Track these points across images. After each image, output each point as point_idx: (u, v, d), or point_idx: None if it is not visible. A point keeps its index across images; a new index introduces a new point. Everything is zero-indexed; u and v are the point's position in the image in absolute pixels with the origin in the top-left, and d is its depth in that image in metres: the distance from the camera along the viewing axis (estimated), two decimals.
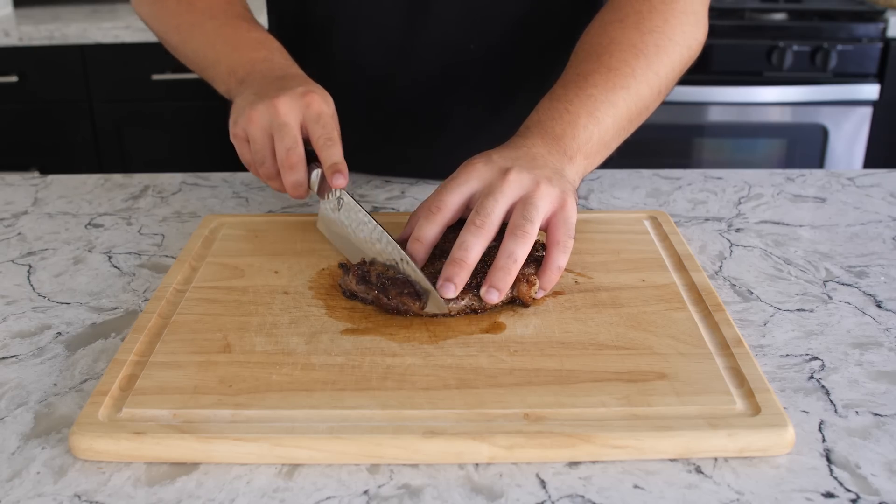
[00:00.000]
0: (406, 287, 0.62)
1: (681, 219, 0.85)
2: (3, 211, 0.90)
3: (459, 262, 0.61)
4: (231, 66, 0.80)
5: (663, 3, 0.78)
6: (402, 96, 0.96)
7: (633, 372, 0.55)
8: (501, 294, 0.61)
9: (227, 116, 0.76)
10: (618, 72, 0.74)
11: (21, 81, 2.09)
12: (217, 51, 0.82)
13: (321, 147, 0.71)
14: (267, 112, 0.71)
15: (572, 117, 0.71)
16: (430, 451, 0.49)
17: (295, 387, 0.54)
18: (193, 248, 0.74)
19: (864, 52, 2.01)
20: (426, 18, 0.91)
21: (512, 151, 0.67)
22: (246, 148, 0.74)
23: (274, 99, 0.71)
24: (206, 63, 0.84)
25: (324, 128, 0.71)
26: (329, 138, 0.71)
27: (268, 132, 0.72)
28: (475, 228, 0.62)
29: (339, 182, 0.70)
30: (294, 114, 0.71)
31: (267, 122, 0.71)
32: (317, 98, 0.72)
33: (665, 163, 1.74)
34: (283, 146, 0.71)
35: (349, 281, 0.65)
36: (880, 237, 0.80)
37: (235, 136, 0.74)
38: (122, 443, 0.50)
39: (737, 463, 0.49)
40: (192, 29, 0.86)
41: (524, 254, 0.61)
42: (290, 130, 0.71)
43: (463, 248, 0.61)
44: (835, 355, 0.60)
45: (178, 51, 0.89)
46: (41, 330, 0.65)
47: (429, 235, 0.65)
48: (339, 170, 0.70)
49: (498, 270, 0.61)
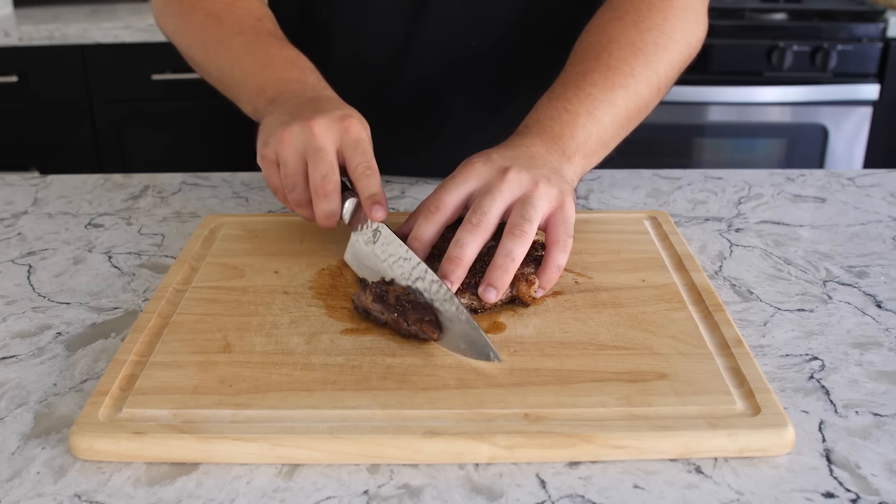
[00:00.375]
0: (427, 314, 0.59)
1: (681, 219, 0.85)
2: (3, 211, 0.90)
3: (455, 260, 0.61)
4: (260, 85, 0.75)
5: (663, 1, 0.78)
6: (402, 94, 0.96)
7: (633, 372, 0.55)
8: (499, 293, 0.61)
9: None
10: (617, 70, 0.74)
11: (21, 81, 2.09)
12: (245, 69, 0.77)
13: (359, 176, 0.66)
14: (302, 134, 0.66)
15: (571, 116, 0.71)
16: (430, 451, 0.49)
17: (295, 387, 0.54)
18: (193, 248, 0.74)
19: (864, 52, 2.01)
20: (427, 17, 0.91)
21: (511, 151, 0.67)
22: (275, 171, 0.69)
23: (310, 121, 0.66)
24: (232, 81, 0.79)
25: (363, 155, 0.67)
26: (368, 167, 0.66)
27: (301, 156, 0.67)
28: (471, 227, 0.62)
29: (379, 215, 0.66)
30: (331, 138, 0.66)
31: (301, 145, 0.66)
32: (355, 123, 0.67)
33: (665, 163, 1.75)
34: (319, 172, 0.66)
35: (365, 298, 0.62)
36: (880, 237, 0.80)
37: (264, 157, 0.69)
38: (122, 443, 0.50)
39: (737, 463, 0.49)
40: (218, 45, 0.81)
41: (522, 253, 0.61)
42: (326, 155, 0.66)
43: (459, 245, 0.61)
44: (835, 355, 0.60)
45: (203, 67, 0.84)
46: (41, 330, 0.65)
47: (427, 234, 0.65)
48: (379, 201, 0.66)
49: (496, 269, 0.61)
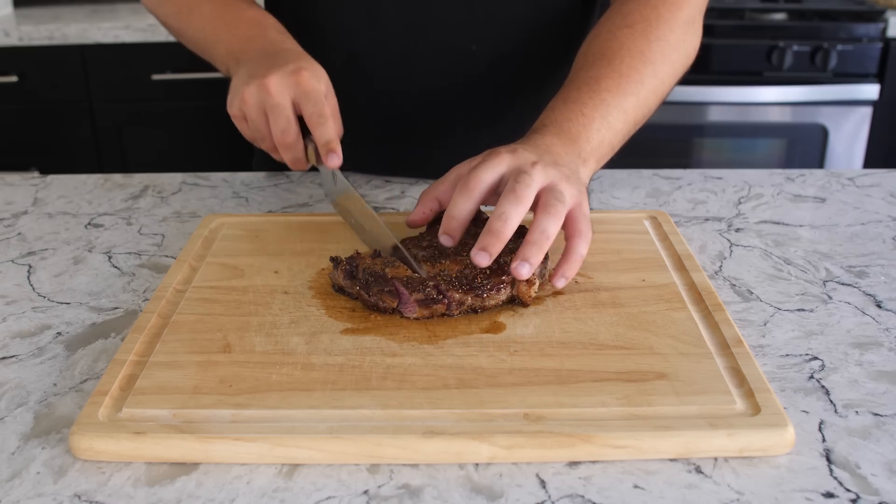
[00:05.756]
0: (387, 285, 0.62)
1: (681, 219, 0.85)
2: (3, 211, 0.90)
3: (497, 233, 0.61)
4: (228, 45, 0.82)
5: (669, 13, 0.79)
6: (403, 98, 0.96)
7: (633, 372, 0.55)
8: (532, 268, 0.61)
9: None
10: (628, 78, 0.75)
11: (21, 81, 2.09)
12: (216, 32, 0.84)
13: (314, 125, 0.71)
14: (259, 92, 0.72)
15: (587, 120, 0.72)
16: (430, 451, 0.49)
17: (295, 387, 0.54)
18: (193, 248, 0.74)
19: (864, 52, 2.01)
20: (429, 21, 0.91)
21: (534, 147, 0.68)
22: (245, 125, 0.76)
23: (264, 78, 0.71)
24: (206, 45, 0.86)
25: (315, 105, 0.71)
26: (320, 115, 0.71)
27: (262, 111, 0.73)
28: (514, 197, 0.61)
29: (334, 162, 0.71)
30: (286, 91, 0.71)
31: (260, 102, 0.72)
32: (306, 75, 0.72)
33: (665, 163, 1.74)
34: (278, 128, 0.72)
35: (337, 275, 0.65)
36: (880, 237, 0.80)
37: (233, 116, 0.75)
38: (122, 443, 0.50)
39: (737, 463, 0.49)
40: (190, 13, 0.87)
41: (555, 231, 0.62)
42: (282, 111, 0.72)
43: (502, 218, 0.61)
44: (835, 355, 0.60)
45: (182, 35, 0.91)
46: (41, 330, 0.65)
47: (465, 211, 0.64)
48: (332, 149, 0.71)
49: (531, 245, 0.61)
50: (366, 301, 0.63)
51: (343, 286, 0.65)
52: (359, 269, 0.65)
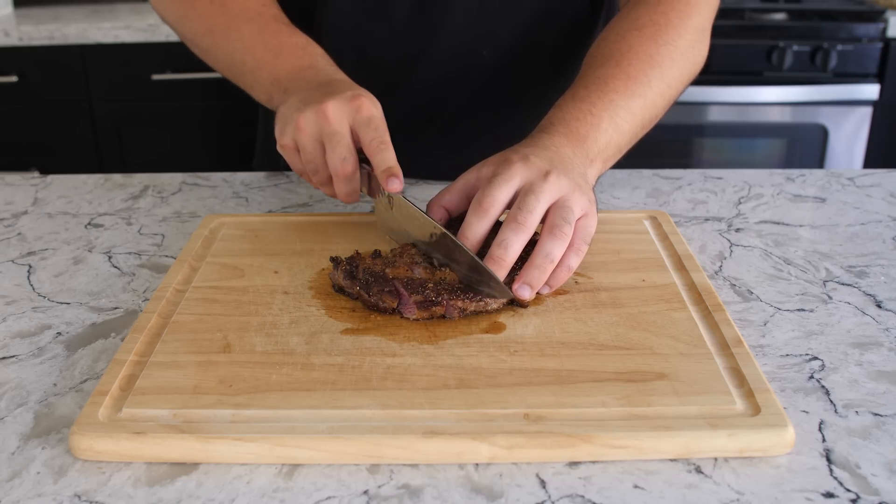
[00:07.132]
0: (387, 285, 0.62)
1: (681, 219, 0.85)
2: (3, 211, 0.90)
3: (499, 261, 0.61)
4: (273, 73, 0.77)
5: (679, 19, 0.79)
6: (409, 100, 0.96)
7: (633, 372, 0.55)
8: (534, 291, 0.62)
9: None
10: (636, 80, 0.75)
11: (21, 81, 2.09)
12: (256, 58, 0.79)
13: (374, 151, 0.68)
14: (316, 119, 0.68)
15: (595, 120, 0.72)
16: (430, 451, 0.49)
17: (295, 387, 0.54)
18: (193, 248, 0.74)
19: (864, 52, 2.01)
20: (441, 27, 0.91)
21: (544, 151, 0.67)
22: (296, 157, 0.72)
23: (322, 105, 0.68)
24: (243, 69, 0.80)
25: (375, 131, 0.68)
26: (382, 142, 0.68)
27: (318, 140, 0.69)
28: (517, 225, 0.62)
29: (395, 186, 0.68)
30: (344, 119, 0.69)
31: (317, 131, 0.69)
32: (366, 102, 0.69)
33: (665, 163, 1.74)
34: (337, 156, 0.69)
35: (337, 275, 0.66)
36: (880, 237, 0.80)
37: (284, 146, 0.71)
38: (122, 443, 0.50)
39: (737, 463, 0.49)
40: (227, 33, 0.82)
41: (560, 254, 0.62)
42: (342, 139, 0.68)
43: (503, 246, 0.61)
44: (835, 355, 0.60)
45: (211, 55, 0.85)
46: (41, 330, 0.65)
47: (479, 233, 0.64)
48: (394, 174, 0.68)
49: (534, 269, 0.62)
50: (366, 301, 0.63)
51: (343, 286, 0.65)
52: (359, 269, 0.65)
